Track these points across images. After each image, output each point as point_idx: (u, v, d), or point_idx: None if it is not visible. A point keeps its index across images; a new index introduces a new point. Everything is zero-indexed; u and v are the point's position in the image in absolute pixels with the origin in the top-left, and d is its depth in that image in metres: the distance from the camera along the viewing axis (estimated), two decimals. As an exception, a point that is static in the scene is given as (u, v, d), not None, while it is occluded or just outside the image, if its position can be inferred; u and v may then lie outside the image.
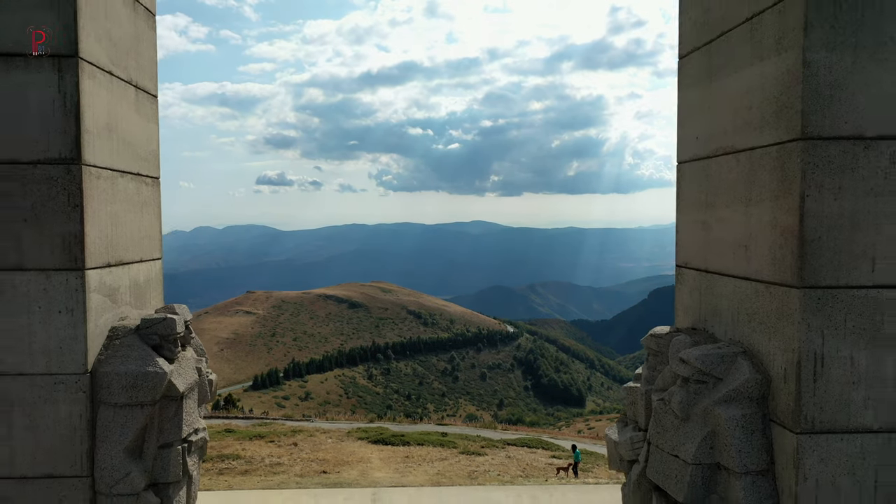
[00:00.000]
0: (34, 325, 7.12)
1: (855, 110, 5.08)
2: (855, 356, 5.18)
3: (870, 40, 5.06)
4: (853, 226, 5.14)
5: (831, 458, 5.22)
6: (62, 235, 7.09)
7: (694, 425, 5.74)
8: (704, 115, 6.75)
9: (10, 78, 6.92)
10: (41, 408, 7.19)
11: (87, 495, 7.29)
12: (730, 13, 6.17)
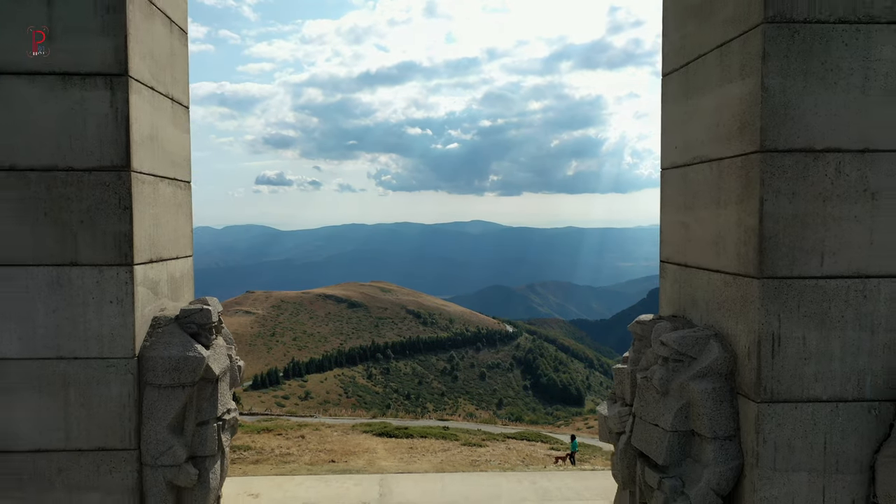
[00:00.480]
0: (88, 315, 8.00)
1: (806, 127, 5.99)
2: (806, 336, 6.09)
3: (818, 68, 5.96)
4: (804, 225, 6.04)
5: (787, 424, 6.13)
6: (113, 234, 7.98)
7: (672, 398, 6.64)
8: (683, 128, 7.65)
9: (68, 95, 7.81)
10: (94, 388, 8.08)
11: (134, 466, 8.17)
12: (703, 40, 7.07)
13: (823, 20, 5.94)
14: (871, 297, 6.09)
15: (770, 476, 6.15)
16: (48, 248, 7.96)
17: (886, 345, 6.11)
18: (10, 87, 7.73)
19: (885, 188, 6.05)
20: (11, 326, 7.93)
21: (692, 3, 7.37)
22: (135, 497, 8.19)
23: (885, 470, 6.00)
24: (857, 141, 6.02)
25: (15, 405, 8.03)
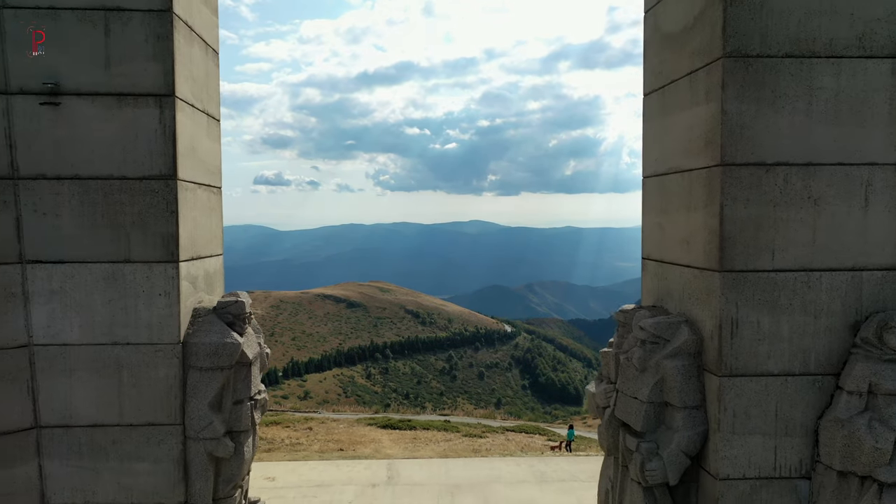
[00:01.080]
0: (139, 306, 9.14)
1: (759, 145, 7.13)
2: (760, 321, 7.23)
3: (768, 95, 7.11)
4: (758, 227, 7.19)
5: (744, 395, 7.27)
6: (161, 235, 9.12)
7: (648, 375, 7.79)
8: (660, 142, 8.80)
9: (123, 113, 8.94)
10: (144, 370, 9.21)
11: (179, 439, 9.30)
12: (677, 67, 8.22)
13: (773, 55, 7.09)
14: (815, 288, 7.24)
15: (730, 439, 7.30)
16: (105, 247, 9.09)
17: (827, 328, 7.26)
18: (74, 107, 8.85)
19: (825, 196, 7.19)
20: (73, 316, 9.06)
21: (668, 35, 8.51)
22: (179, 466, 9.32)
23: (826, 433, 7.15)
24: (801, 156, 7.16)
25: (75, 386, 9.16)
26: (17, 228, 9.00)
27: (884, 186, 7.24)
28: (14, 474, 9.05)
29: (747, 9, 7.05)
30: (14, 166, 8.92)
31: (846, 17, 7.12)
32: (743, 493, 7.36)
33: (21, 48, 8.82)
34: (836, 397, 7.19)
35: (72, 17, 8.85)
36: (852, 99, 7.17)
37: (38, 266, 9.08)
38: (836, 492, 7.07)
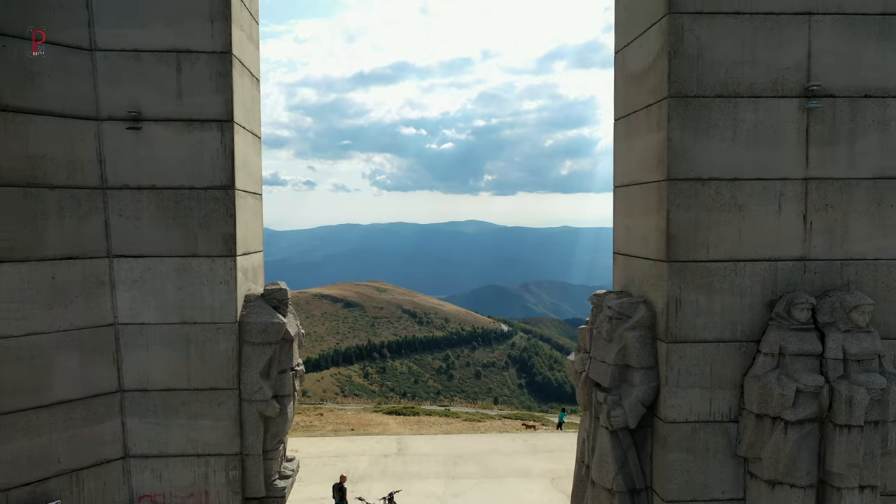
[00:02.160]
0: (204, 292, 11.24)
1: (695, 164, 9.28)
2: (698, 300, 9.38)
3: (703, 126, 9.27)
4: (696, 228, 9.34)
5: (686, 357, 9.42)
6: (222, 234, 11.22)
7: (614, 343, 9.94)
8: (626, 160, 10.96)
9: (191, 135, 11.05)
10: (208, 345, 11.31)
11: (236, 401, 11.40)
12: (638, 100, 10.38)
13: (707, 95, 9.25)
14: (740, 274, 9.40)
15: (675, 391, 9.46)
16: (176, 245, 11.20)
17: (750, 305, 9.42)
18: (152, 131, 10.97)
19: (747, 203, 9.36)
20: (150, 300, 11.17)
21: (632, 74, 10.67)
22: (236, 423, 11.43)
23: (748, 386, 9.31)
24: (729, 172, 9.33)
25: (152, 357, 11.27)
26: (106, 229, 11.08)
27: (793, 196, 9.42)
28: (103, 429, 11.14)
29: (687, 60, 9.21)
30: (103, 179, 11.01)
31: (763, 66, 9.28)
32: (686, 434, 9.52)
33: (110, 83, 10.91)
34: (756, 358, 9.35)
35: (151, 57, 10.95)
36: (768, 128, 9.33)
37: (122, 260, 11.17)
38: (755, 430, 9.24)
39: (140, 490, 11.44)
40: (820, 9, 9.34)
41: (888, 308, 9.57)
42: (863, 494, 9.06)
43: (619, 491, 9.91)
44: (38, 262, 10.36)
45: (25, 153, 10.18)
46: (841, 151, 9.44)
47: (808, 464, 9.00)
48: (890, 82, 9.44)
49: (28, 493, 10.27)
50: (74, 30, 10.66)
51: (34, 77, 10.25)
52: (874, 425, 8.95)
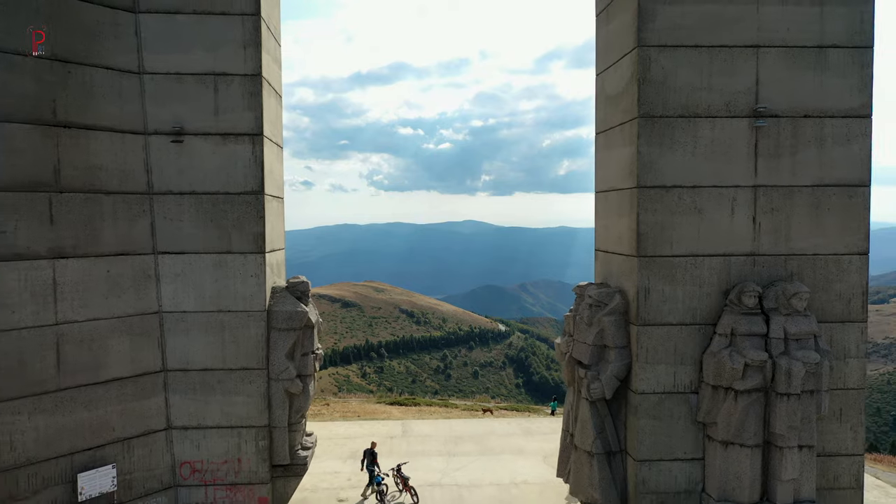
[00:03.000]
0: (237, 284, 12.87)
1: (661, 174, 10.96)
2: (664, 289, 11.06)
3: (668, 141, 10.94)
4: (662, 228, 11.01)
5: (653, 337, 11.10)
6: (253, 234, 12.85)
7: (594, 327, 11.60)
8: (605, 169, 12.63)
9: (227, 147, 12.68)
10: (240, 330, 12.93)
11: (264, 380, 13.03)
12: (614, 119, 12.05)
13: (670, 116, 10.93)
14: (699, 267, 11.08)
15: (644, 367, 11.12)
16: (213, 243, 12.82)
17: (707, 293, 11.10)
18: (193, 143, 12.60)
19: (705, 207, 11.03)
20: (190, 291, 12.79)
21: (609, 95, 12.34)
22: (265, 399, 13.06)
23: (705, 362, 10.98)
24: (689, 181, 11.00)
25: (192, 341, 12.90)
26: (152, 229, 12.71)
27: (744, 201, 11.10)
28: (150, 403, 12.76)
29: (653, 86, 10.89)
30: (150, 185, 12.64)
31: (718, 91, 10.97)
32: (654, 403, 11.20)
33: (156, 102, 12.53)
34: (712, 338, 11.03)
35: (192, 80, 12.58)
36: (722, 144, 11.01)
37: (166, 256, 12.80)
38: (711, 399, 10.92)
39: (181, 457, 13.07)
40: (766, 42, 11.03)
41: (824, 296, 11.27)
42: (801, 453, 10.76)
43: (597, 453, 11.58)
44: (96, 257, 11.98)
45: (86, 164, 11.80)
46: (784, 163, 11.13)
47: (754, 427, 10.69)
48: (825, 105, 11.13)
49: (89, 458, 11.89)
50: (126, 56, 12.29)
51: (93, 98, 11.88)
52: (810, 394, 10.64)
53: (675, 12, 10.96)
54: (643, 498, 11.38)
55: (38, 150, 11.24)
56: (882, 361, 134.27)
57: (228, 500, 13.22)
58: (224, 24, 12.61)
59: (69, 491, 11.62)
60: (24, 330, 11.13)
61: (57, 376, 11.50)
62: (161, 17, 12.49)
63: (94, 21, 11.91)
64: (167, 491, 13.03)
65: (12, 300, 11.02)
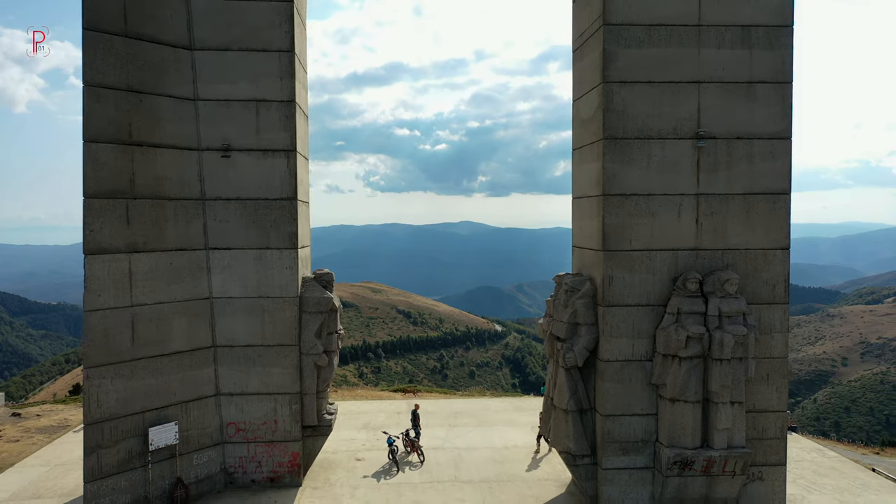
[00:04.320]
0: (274, 274, 15.52)
1: (622, 184, 13.65)
2: (624, 277, 13.75)
3: (628, 158, 13.64)
4: (622, 228, 13.71)
5: (616, 316, 13.79)
6: (288, 233, 15.50)
7: (569, 308, 14.29)
8: (579, 179, 15.33)
9: (266, 161, 15.34)
10: (277, 313, 15.58)
11: (297, 354, 15.68)
12: (586, 138, 14.74)
13: (629, 137, 13.61)
14: (653, 259, 13.77)
15: (609, 339, 13.81)
16: (255, 240, 15.46)
17: (659, 280, 13.79)
18: (239, 158, 15.24)
19: (658, 211, 13.73)
20: (236, 280, 15.44)
21: (583, 119, 15.03)
22: (297, 370, 15.70)
23: (658, 336, 13.67)
24: (644, 190, 13.69)
25: (236, 322, 15.53)
26: (204, 228, 15.33)
27: (688, 206, 13.80)
28: (202, 373, 15.38)
29: (615, 114, 13.58)
30: (203, 192, 15.25)
31: (667, 118, 13.66)
32: (616, 369, 13.88)
33: (208, 123, 15.15)
34: (663, 317, 13.72)
35: (238, 105, 15.22)
36: (671, 160, 13.71)
37: (215, 251, 15.42)
38: (661, 365, 13.61)
39: (227, 418, 15.69)
40: (706, 78, 13.73)
41: (754, 283, 13.97)
42: (733, 408, 13.45)
43: (572, 410, 14.27)
44: (162, 252, 14.61)
45: (153, 175, 14.43)
46: (721, 176, 13.84)
47: (695, 386, 13.38)
48: (754, 129, 13.84)
49: (156, 416, 14.50)
50: (184, 86, 14.92)
51: (159, 121, 14.51)
52: (739, 360, 13.34)
53: (632, 54, 13.65)
54: (608, 446, 14.07)
55: (117, 165, 13.86)
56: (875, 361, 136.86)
57: (267, 454, 15.86)
58: (264, 59, 15.26)
59: (142, 442, 14.23)
60: (108, 310, 13.75)
61: (132, 348, 14.12)
62: (213, 53, 15.12)
63: (160, 58, 14.53)
64: (216, 447, 15.65)
65: (98, 286, 13.64)
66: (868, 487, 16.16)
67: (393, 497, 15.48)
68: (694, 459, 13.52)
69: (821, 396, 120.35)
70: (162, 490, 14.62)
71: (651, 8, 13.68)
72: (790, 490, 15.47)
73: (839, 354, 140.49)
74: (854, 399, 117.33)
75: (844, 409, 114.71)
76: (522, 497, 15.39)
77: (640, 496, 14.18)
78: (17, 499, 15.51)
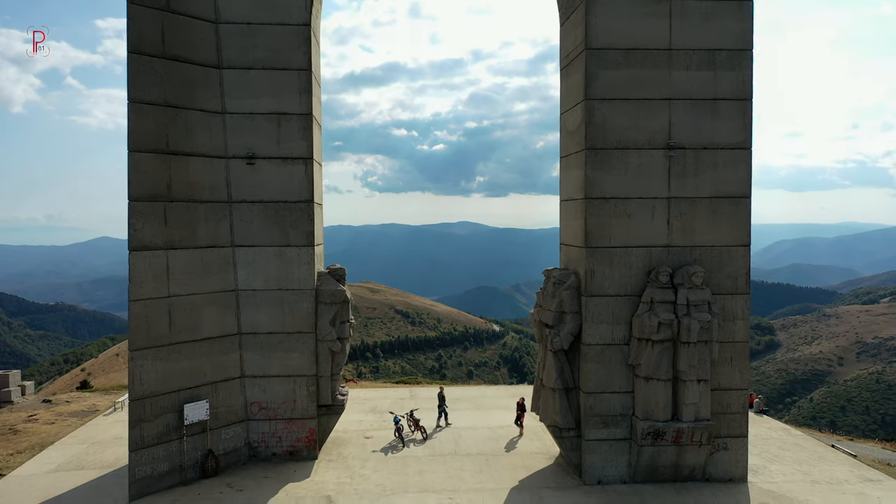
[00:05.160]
0: (293, 269, 17.38)
1: (602, 189, 15.52)
2: (605, 271, 15.63)
3: (607, 166, 15.51)
4: (603, 227, 15.58)
5: (598, 304, 15.66)
6: (305, 232, 17.36)
7: (556, 298, 16.16)
8: (566, 184, 17.20)
9: (286, 168, 17.20)
10: (295, 304, 17.44)
11: (313, 340, 17.56)
12: (571, 147, 16.62)
13: (609, 148, 15.49)
14: (630, 255, 15.63)
15: (591, 325, 15.68)
16: (275, 238, 17.33)
17: (635, 273, 15.66)
18: (261, 165, 17.10)
19: (634, 213, 15.59)
20: (259, 274, 17.29)
21: (569, 130, 16.90)
22: (313, 355, 17.57)
23: (634, 322, 15.54)
24: (622, 194, 15.56)
25: (259, 311, 17.39)
26: (231, 228, 17.15)
27: (661, 208, 15.66)
28: (229, 357, 17.21)
29: (596, 127, 15.45)
30: (230, 196, 17.08)
31: (642, 130, 15.53)
32: (598, 352, 15.74)
33: (234, 134, 16.98)
34: (639, 305, 15.59)
35: (261, 118, 17.06)
36: (646, 168, 15.58)
37: (241, 248, 17.24)
38: (637, 348, 15.49)
39: (251, 398, 17.52)
40: (676, 96, 15.61)
41: (717, 275, 15.84)
42: (699, 385, 15.32)
43: (559, 388, 16.13)
44: (194, 249, 16.43)
45: (187, 180, 16.25)
46: (689, 181, 15.71)
47: (666, 366, 15.25)
48: (718, 140, 15.72)
49: (189, 394, 16.32)
50: (213, 101, 16.75)
51: (192, 132, 16.33)
52: (704, 343, 15.21)
53: (611, 75, 15.52)
54: (590, 420, 15.93)
55: (156, 172, 15.67)
56: (871, 361, 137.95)
57: (286, 430, 17.69)
58: (285, 76, 17.09)
59: (177, 417, 16.03)
60: (148, 300, 15.56)
61: (169, 334, 15.93)
62: (239, 71, 16.95)
63: (192, 76, 16.35)
64: (241, 423, 17.48)
65: (140, 278, 15.45)
66: (824, 459, 18.05)
67: (400, 467, 17.31)
68: (665, 431, 15.38)
69: (817, 396, 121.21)
70: (195, 460, 16.44)
71: (628, 34, 15.55)
72: (755, 461, 17.35)
73: (835, 354, 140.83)
74: (850, 398, 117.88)
75: (840, 408, 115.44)
76: (515, 467, 17.24)
77: (619, 463, 16.04)
78: (62, 470, 17.31)
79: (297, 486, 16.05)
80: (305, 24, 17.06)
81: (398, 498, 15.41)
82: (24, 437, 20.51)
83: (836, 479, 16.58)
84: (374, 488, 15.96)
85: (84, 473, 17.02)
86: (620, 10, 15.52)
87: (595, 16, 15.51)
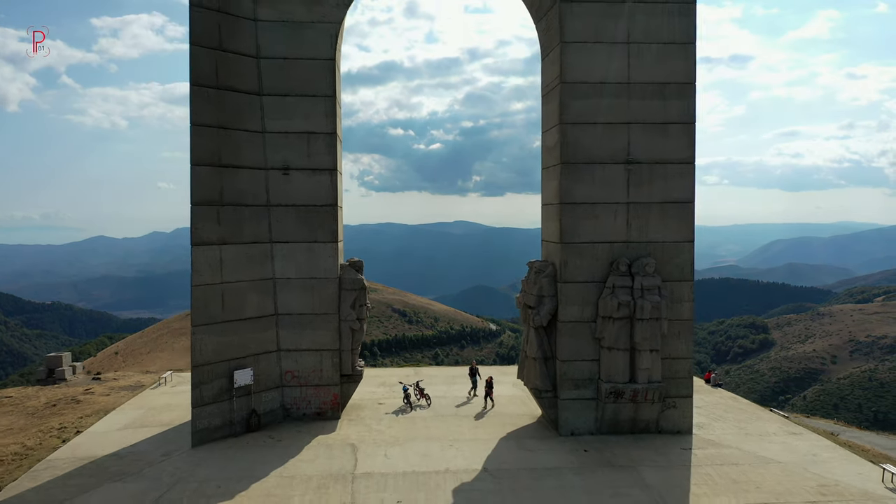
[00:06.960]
0: (320, 261, 21.08)
1: (574, 196, 19.21)
2: (576, 261, 19.32)
3: (578, 178, 19.19)
4: (575, 226, 19.27)
5: (570, 289, 19.35)
6: (331, 230, 21.04)
7: (537, 285, 19.85)
8: (546, 191, 20.90)
9: (315, 177, 20.89)
10: (321, 289, 21.14)
11: (336, 320, 21.32)
12: (550, 161, 20.30)
13: (580, 162, 19.18)
14: (596, 249, 19.32)
15: (565, 306, 19.37)
16: (306, 235, 20.98)
17: (601, 264, 19.35)
18: (295, 175, 20.78)
19: (601, 214, 19.28)
20: (292, 265, 20.98)
21: (547, 147, 20.58)
22: (336, 333, 21.26)
23: (600, 303, 19.23)
24: (590, 200, 19.24)
25: (292, 296, 21.07)
26: (269, 227, 20.76)
27: (621, 211, 19.35)
28: (268, 334, 20.83)
29: (569, 146, 19.13)
30: (268, 200, 20.70)
31: (606, 149, 19.22)
32: (571, 328, 19.43)
33: (272, 149, 20.59)
34: (603, 290, 19.29)
35: (294, 136, 20.70)
36: (609, 178, 19.27)
37: (277, 244, 20.86)
38: (602, 324, 19.20)
39: (286, 367, 21.14)
40: (633, 120, 19.29)
41: (669, 266, 19.53)
42: (651, 354, 19.03)
43: (539, 358, 19.81)
44: (240, 244, 20.04)
45: (235, 188, 19.85)
46: (644, 189, 19.39)
47: (625, 338, 18.95)
48: (668, 156, 19.41)
49: (237, 363, 19.92)
50: (255, 122, 20.36)
51: (239, 149, 19.93)
52: (655, 320, 18.89)
53: (580, 104, 19.19)
54: (565, 383, 19.59)
55: (212, 181, 19.26)
56: (864, 359, 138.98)
57: (314, 395, 21.31)
58: (314, 101, 20.70)
59: (228, 381, 19.64)
60: (206, 286, 19.15)
61: (221, 313, 19.53)
62: (276, 98, 20.55)
63: (238, 103, 19.95)
64: (277, 389, 21.09)
65: (199, 268, 19.04)
66: (760, 419, 21.78)
67: (408, 425, 20.97)
68: (624, 391, 19.07)
69: (810, 394, 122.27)
70: (241, 418, 20.05)
71: (595, 71, 19.23)
72: (701, 419, 21.05)
73: (829, 352, 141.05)
74: (843, 396, 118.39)
75: (833, 405, 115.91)
76: (504, 425, 20.91)
77: (588, 418, 19.73)
78: (129, 428, 20.89)
79: (326, 437, 19.70)
80: (331, 58, 20.68)
81: (409, 443, 19.08)
82: (87, 405, 24.07)
83: (765, 433, 20.30)
84: (388, 438, 19.62)
85: (148, 430, 20.61)
86: (589, 51, 19.20)
87: (568, 55, 19.18)
